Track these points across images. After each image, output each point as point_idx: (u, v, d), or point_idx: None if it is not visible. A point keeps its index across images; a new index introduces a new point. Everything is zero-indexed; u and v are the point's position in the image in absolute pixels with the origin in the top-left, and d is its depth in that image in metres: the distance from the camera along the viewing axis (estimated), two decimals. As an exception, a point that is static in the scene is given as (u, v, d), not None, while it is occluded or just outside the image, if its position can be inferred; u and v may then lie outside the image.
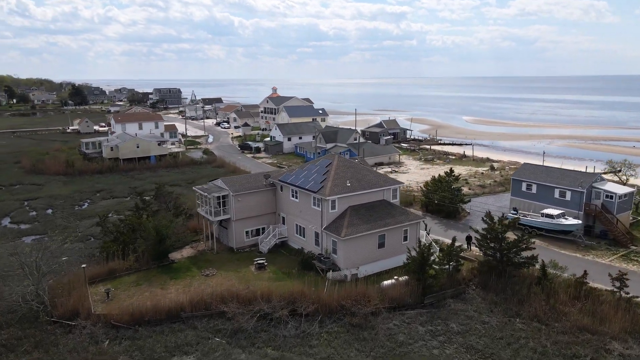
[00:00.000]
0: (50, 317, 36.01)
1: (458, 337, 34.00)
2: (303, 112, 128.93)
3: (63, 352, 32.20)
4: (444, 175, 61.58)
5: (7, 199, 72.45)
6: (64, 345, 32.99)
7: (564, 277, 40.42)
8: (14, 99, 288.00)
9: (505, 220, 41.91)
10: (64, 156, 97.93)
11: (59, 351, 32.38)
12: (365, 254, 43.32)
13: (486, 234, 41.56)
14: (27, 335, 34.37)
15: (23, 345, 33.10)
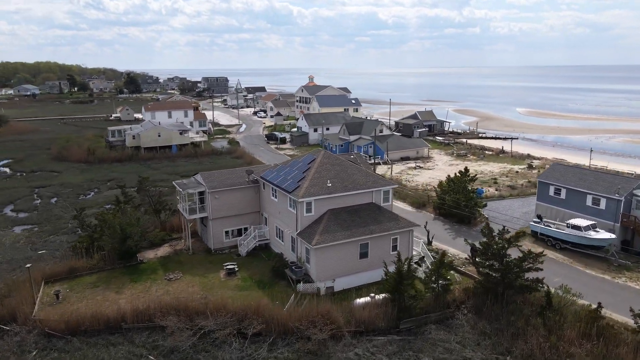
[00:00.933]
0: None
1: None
2: (335, 101, 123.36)
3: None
4: (458, 174, 54.46)
5: (20, 186, 73.10)
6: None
7: (576, 308, 33.14)
8: (75, 87, 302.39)
9: (507, 233, 35.01)
10: (87, 144, 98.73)
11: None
12: (343, 265, 38.04)
13: (484, 249, 34.93)
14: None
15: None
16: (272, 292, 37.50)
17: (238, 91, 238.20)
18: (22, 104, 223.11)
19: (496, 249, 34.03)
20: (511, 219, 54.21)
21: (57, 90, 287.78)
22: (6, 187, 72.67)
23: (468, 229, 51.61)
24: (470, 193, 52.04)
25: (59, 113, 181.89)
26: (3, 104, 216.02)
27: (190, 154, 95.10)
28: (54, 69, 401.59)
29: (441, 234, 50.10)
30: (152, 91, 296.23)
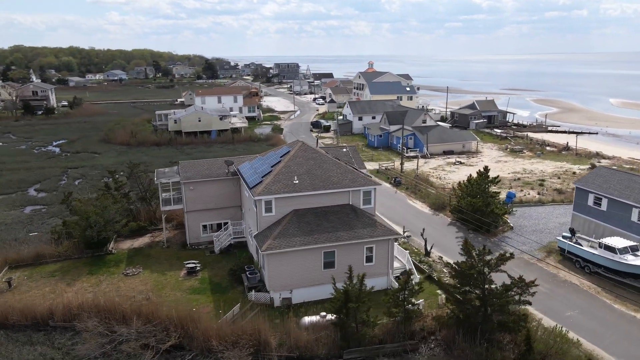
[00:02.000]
0: None
1: None
2: (388, 89, 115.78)
3: None
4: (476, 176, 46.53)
5: (56, 166, 75.91)
6: None
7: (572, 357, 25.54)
8: (159, 72, 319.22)
9: (489, 254, 27.95)
10: (132, 127, 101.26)
11: None
12: (303, 275, 33.16)
13: (459, 272, 28.20)
14: None
15: None
16: (224, 298, 33.75)
17: (306, 77, 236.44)
18: (107, 88, 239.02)
19: (473, 272, 27.20)
20: (543, 230, 45.51)
21: (143, 76, 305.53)
22: (43, 166, 75.84)
23: (484, 240, 43.91)
24: (490, 197, 44.07)
25: (134, 97, 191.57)
26: (91, 88, 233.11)
27: (228, 140, 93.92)
28: (146, 56, 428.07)
29: (449, 243, 43.06)
30: (228, 77, 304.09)
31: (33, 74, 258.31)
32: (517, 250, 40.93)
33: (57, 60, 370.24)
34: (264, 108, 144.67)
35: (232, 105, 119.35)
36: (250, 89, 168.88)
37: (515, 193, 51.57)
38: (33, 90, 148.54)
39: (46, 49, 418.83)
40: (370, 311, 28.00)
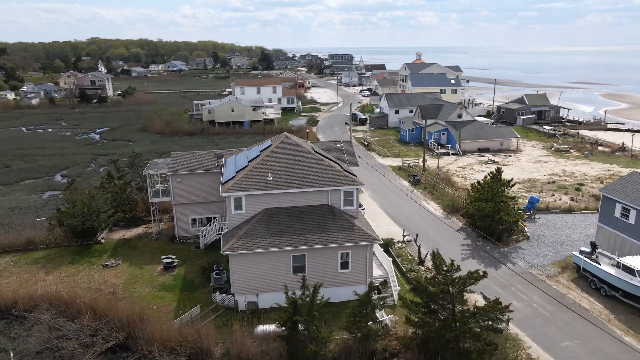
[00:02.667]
0: None
1: None
2: (430, 81, 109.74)
3: None
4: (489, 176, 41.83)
5: (88, 153, 78.44)
6: None
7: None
8: (217, 63, 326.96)
9: (455, 269, 24.26)
10: (168, 117, 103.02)
11: None
12: (270, 279, 30.94)
13: (422, 289, 24.76)
14: None
15: None
16: (191, 298, 32.33)
17: (358, 69, 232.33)
18: (166, 78, 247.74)
19: (436, 290, 23.69)
20: (564, 241, 40.25)
21: (202, 67, 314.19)
22: (78, 152, 78.64)
23: (492, 249, 39.44)
24: (501, 202, 39.35)
25: (187, 87, 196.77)
26: (151, 78, 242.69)
27: (259, 131, 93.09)
28: (209, 48, 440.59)
29: (452, 251, 39.02)
30: (283, 68, 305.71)
31: (101, 64, 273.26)
32: (526, 264, 36.38)
33: (127, 51, 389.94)
34: (307, 100, 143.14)
35: (271, 96, 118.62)
36: (296, 80, 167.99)
37: (538, 198, 46.10)
38: (91, 80, 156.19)
39: (119, 41, 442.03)
40: (334, 324, 25.39)
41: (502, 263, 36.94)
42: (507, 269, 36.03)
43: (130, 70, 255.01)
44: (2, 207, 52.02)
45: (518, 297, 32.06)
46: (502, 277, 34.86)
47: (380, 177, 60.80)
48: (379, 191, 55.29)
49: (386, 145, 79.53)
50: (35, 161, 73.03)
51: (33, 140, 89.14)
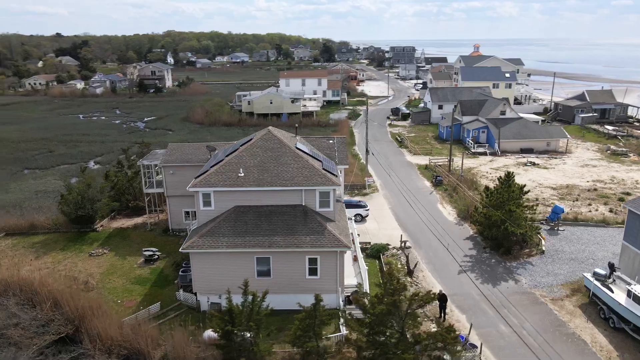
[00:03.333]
0: None
1: None
2: (483, 75, 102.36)
3: None
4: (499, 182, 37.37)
5: (127, 141, 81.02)
6: None
7: None
8: (281, 55, 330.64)
9: (403, 289, 21.25)
10: (210, 107, 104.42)
11: None
12: (234, 280, 29.16)
13: (364, 310, 21.99)
14: None
15: None
16: (159, 293, 31.67)
17: (418, 62, 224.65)
18: (228, 69, 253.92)
19: (380, 311, 20.90)
20: (585, 259, 35.21)
21: (265, 58, 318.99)
22: (118, 140, 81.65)
23: (497, 263, 35.29)
24: (512, 211, 34.93)
25: (244, 78, 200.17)
26: (213, 69, 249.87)
27: (295, 123, 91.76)
28: (275, 40, 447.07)
29: (451, 263, 35.45)
30: (345, 60, 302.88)
31: (170, 56, 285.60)
32: (530, 283, 32.12)
33: (199, 43, 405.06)
34: (357, 93, 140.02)
35: (316, 89, 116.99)
36: (349, 73, 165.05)
37: (563, 208, 40.70)
38: (152, 70, 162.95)
39: (192, 33, 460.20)
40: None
41: (503, 279, 32.84)
42: (507, 286, 31.95)
43: (195, 62, 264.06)
44: (28, 190, 54.72)
45: (508, 321, 28.17)
46: (497, 295, 30.93)
47: (402, 176, 57.28)
48: (394, 191, 52.00)
49: (421, 142, 75.25)
50: (76, 147, 76.69)
51: (83, 127, 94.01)
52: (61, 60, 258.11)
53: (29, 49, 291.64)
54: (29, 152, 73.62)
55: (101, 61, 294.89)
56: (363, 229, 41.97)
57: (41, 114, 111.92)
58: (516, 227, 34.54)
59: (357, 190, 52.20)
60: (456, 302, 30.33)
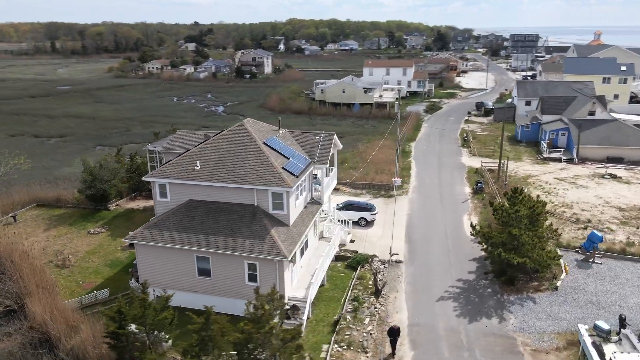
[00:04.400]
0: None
1: None
2: (591, 67, 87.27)
3: None
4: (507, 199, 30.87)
5: (196, 124, 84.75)
6: None
7: None
8: (393, 43, 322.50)
9: (269, 318, 18.05)
10: (286, 94, 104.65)
11: None
12: (177, 276, 28.44)
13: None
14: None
15: None
16: (122, 279, 32.02)
17: (537, 51, 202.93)
18: (335, 57, 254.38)
19: (242, 340, 18.12)
20: (610, 304, 27.90)
21: (376, 46, 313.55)
22: (190, 122, 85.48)
23: (492, 294, 29.46)
24: (515, 235, 28.69)
25: (343, 66, 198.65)
26: (320, 57, 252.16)
27: (364, 114, 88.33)
28: (392, 27, 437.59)
29: (434, 287, 30.54)
30: (460, 49, 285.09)
31: (283, 43, 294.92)
32: (518, 325, 26.30)
33: (316, 31, 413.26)
34: (453, 84, 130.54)
35: (401, 79, 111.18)
36: (449, 62, 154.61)
37: (602, 237, 32.51)
38: (252, 57, 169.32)
39: (311, 21, 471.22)
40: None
41: (487, 315, 27.26)
42: (486, 324, 26.42)
43: (304, 49, 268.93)
44: (79, 166, 59.63)
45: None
46: (468, 334, 25.69)
47: (445, 179, 51.44)
48: (425, 195, 46.77)
49: (490, 142, 67.09)
50: (150, 127, 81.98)
51: (168, 109, 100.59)
52: (187, 46, 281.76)
53: (163, 36, 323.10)
54: (110, 130, 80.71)
55: (222, 48, 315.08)
56: (363, 234, 38.27)
57: (143, 95, 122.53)
58: (516, 254, 28.38)
59: (384, 192, 47.91)
60: (413, 334, 25.84)
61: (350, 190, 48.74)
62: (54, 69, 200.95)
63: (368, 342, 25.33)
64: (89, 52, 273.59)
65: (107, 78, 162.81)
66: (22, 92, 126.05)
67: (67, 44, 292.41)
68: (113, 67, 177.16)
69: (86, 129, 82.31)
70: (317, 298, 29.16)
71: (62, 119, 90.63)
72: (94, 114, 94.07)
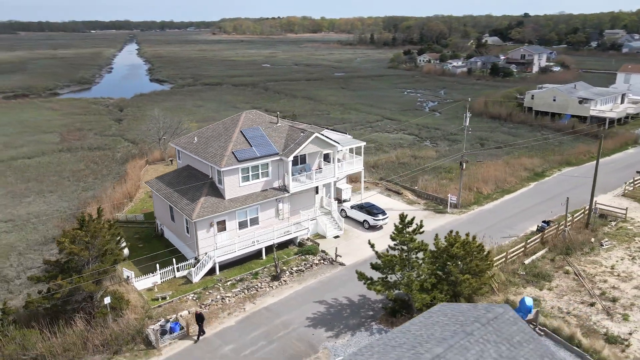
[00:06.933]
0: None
1: None
2: None
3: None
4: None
5: (384, 120, 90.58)
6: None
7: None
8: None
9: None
10: (495, 97, 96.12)
11: None
12: (164, 217, 38.82)
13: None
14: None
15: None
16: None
17: None
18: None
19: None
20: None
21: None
22: (378, 119, 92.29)
23: (365, 331, 28.14)
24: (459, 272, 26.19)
25: None
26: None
27: (566, 128, 75.11)
28: None
29: (330, 295, 31.16)
30: None
31: (599, 37, 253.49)
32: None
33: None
34: None
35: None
36: None
37: (532, 307, 24.22)
38: (522, 54, 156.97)
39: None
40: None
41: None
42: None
43: (621, 45, 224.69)
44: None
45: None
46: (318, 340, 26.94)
47: (527, 211, 43.75)
48: (475, 222, 41.97)
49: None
50: (345, 114, 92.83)
51: (383, 99, 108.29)
52: (486, 40, 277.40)
53: (468, 29, 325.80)
54: (313, 112, 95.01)
55: (527, 42, 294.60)
56: (358, 234, 39.59)
57: (383, 85, 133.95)
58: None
59: (442, 206, 45.08)
60: (265, 322, 28.81)
61: (411, 197, 47.81)
62: (355, 57, 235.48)
63: (225, 303, 29.91)
64: (396, 43, 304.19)
65: (381, 68, 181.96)
66: (304, 74, 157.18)
67: (382, 36, 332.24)
68: (393, 59, 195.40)
69: (303, 108, 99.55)
70: (242, 262, 34.58)
71: (300, 99, 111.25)
72: (321, 98, 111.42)
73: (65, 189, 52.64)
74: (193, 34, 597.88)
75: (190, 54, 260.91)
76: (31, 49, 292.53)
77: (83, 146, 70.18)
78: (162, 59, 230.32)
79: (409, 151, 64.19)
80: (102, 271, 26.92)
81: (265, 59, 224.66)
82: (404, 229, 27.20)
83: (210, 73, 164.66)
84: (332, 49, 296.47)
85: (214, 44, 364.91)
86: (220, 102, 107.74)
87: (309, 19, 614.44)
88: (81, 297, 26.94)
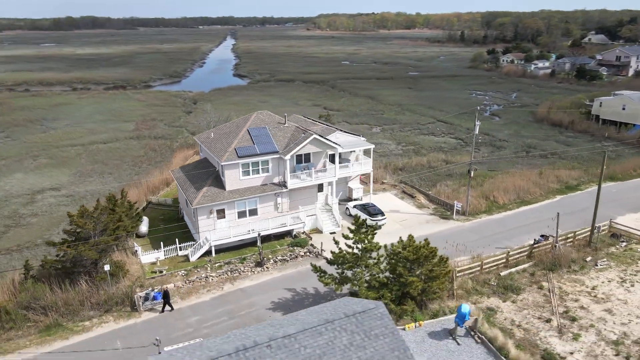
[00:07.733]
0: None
1: None
2: None
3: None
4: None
5: (434, 123, 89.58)
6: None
7: None
8: None
9: None
10: (561, 103, 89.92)
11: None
12: (183, 201, 44.00)
13: None
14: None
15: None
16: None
17: None
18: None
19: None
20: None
21: None
22: (431, 116, 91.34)
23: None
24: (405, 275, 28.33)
25: None
26: None
27: (628, 141, 69.55)
28: None
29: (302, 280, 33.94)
30: None
31: None
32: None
33: None
34: None
35: None
36: None
37: (468, 312, 24.65)
38: (617, 56, 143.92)
39: None
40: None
41: (284, 315, 30.02)
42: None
43: None
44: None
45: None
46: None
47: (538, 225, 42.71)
48: (478, 230, 41.99)
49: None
50: (400, 114, 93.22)
51: (444, 102, 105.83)
52: (590, 39, 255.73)
53: (570, 26, 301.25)
54: (368, 112, 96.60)
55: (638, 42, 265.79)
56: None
57: (452, 86, 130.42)
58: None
59: (442, 212, 45.41)
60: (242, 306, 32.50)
61: (423, 201, 48.49)
62: (438, 55, 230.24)
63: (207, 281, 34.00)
64: (487, 41, 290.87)
65: (460, 67, 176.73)
66: (377, 73, 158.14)
67: (473, 33, 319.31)
68: (474, 58, 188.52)
69: (360, 108, 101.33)
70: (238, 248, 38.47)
71: (361, 98, 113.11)
72: (382, 97, 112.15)
73: (122, 172, 60.43)
74: (289, 29, 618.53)
75: (278, 49, 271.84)
76: (142, 44, 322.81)
77: (150, 135, 78.82)
78: (251, 54, 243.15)
79: (442, 155, 63.93)
80: (104, 242, 32.15)
81: (347, 56, 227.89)
82: (359, 229, 29.18)
83: (287, 69, 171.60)
84: (418, 47, 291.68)
85: (305, 39, 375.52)
86: (285, 98, 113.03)
87: (402, 15, 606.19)
88: (88, 262, 32.43)
